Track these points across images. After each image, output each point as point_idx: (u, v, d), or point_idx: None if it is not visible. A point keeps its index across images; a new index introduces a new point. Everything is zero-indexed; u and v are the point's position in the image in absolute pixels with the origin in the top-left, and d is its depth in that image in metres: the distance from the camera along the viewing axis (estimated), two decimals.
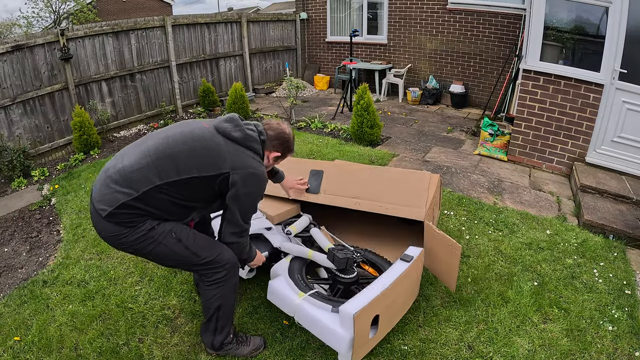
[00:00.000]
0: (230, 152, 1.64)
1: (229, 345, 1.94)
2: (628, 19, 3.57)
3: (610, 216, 3.19)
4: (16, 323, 2.24)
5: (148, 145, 1.64)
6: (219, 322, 1.87)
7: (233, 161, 1.63)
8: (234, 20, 7.55)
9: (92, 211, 1.64)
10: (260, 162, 1.74)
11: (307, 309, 1.83)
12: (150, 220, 1.63)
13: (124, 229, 1.60)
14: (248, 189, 1.66)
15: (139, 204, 1.58)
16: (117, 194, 1.57)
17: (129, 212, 1.58)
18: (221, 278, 1.78)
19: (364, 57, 8.31)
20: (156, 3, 22.40)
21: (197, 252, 1.72)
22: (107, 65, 5.61)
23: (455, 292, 2.37)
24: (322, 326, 1.76)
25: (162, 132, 1.71)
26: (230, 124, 1.70)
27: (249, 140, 1.70)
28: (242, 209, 1.70)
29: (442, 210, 3.38)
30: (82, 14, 14.07)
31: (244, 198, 1.67)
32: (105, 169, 1.66)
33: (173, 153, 1.60)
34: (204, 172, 1.60)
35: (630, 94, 3.73)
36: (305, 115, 6.45)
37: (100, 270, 2.70)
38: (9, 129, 4.61)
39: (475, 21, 6.71)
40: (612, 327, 2.15)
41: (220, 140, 1.66)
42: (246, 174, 1.64)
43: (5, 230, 3.39)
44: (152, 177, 1.57)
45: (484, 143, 4.98)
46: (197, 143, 1.63)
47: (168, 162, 1.59)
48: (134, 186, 1.57)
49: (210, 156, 1.62)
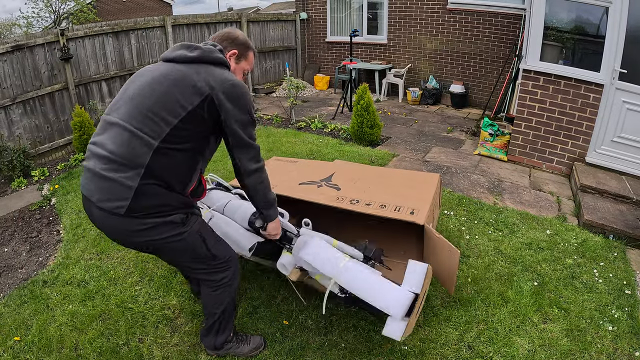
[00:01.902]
0: (199, 73, 1.51)
1: (230, 344, 1.94)
2: (628, 19, 3.57)
3: (610, 216, 3.19)
4: (16, 323, 2.24)
5: (120, 117, 1.48)
6: (222, 323, 1.87)
7: (207, 80, 1.50)
8: (234, 20, 7.55)
9: (101, 215, 1.47)
10: (231, 73, 1.64)
11: (357, 268, 1.75)
12: (180, 214, 1.54)
13: (149, 220, 1.47)
14: (236, 102, 1.54)
15: (151, 180, 1.44)
16: (126, 180, 1.41)
17: (148, 196, 1.45)
18: (227, 278, 1.77)
19: (364, 57, 8.31)
20: (156, 3, 22.41)
21: (214, 251, 1.70)
22: (107, 65, 5.61)
23: (455, 292, 2.37)
24: (378, 287, 1.66)
25: (123, 96, 1.54)
26: (183, 49, 1.57)
27: (209, 53, 1.58)
28: (241, 126, 1.57)
29: (442, 210, 3.38)
30: (82, 14, 14.06)
31: (237, 113, 1.55)
32: (90, 167, 1.48)
33: (149, 106, 1.45)
34: (189, 105, 1.46)
35: (630, 94, 3.73)
36: (305, 115, 6.45)
37: (100, 270, 2.70)
38: (9, 129, 4.61)
39: (475, 21, 6.71)
40: (612, 327, 2.15)
41: (181, 67, 1.53)
42: (226, 87, 1.51)
43: (5, 230, 3.39)
44: (147, 141, 1.43)
45: (484, 143, 4.98)
46: (165, 83, 1.48)
47: (151, 118, 1.45)
48: (136, 161, 1.42)
49: (184, 86, 1.48)
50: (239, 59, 1.77)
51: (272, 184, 2.65)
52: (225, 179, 2.59)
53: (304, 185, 2.68)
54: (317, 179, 2.76)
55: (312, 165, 3.13)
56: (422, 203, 2.33)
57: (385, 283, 1.67)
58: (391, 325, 1.54)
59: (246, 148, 1.61)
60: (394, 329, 1.52)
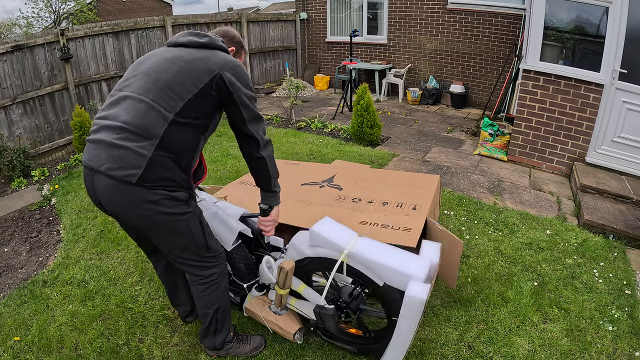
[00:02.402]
0: (208, 56, 1.61)
1: (230, 344, 1.94)
2: (628, 19, 3.57)
3: (610, 216, 3.19)
4: (16, 323, 2.24)
5: (135, 90, 1.54)
6: (218, 323, 1.87)
7: (215, 62, 1.59)
8: (234, 20, 7.55)
9: (109, 184, 1.46)
10: (233, 57, 1.73)
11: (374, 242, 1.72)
12: (185, 192, 1.59)
13: (157, 192, 1.49)
14: (242, 80, 1.64)
15: (163, 152, 1.49)
16: (141, 149, 1.44)
17: (160, 167, 1.48)
18: (214, 275, 1.76)
19: (364, 57, 8.31)
20: (156, 3, 22.40)
21: (209, 242, 1.72)
22: (107, 65, 5.62)
23: (455, 292, 2.38)
24: (397, 253, 1.65)
25: (136, 73, 1.60)
26: (192, 36, 1.67)
27: (215, 42, 1.69)
28: (250, 100, 1.67)
29: (442, 210, 3.38)
30: (82, 14, 14.05)
31: (245, 89, 1.65)
32: (100, 138, 1.49)
33: (165, 81, 1.53)
34: (199, 83, 1.55)
35: (630, 94, 3.73)
36: (305, 116, 6.46)
37: (100, 270, 2.70)
38: (9, 129, 4.61)
39: (475, 21, 6.72)
40: (612, 327, 2.15)
41: (193, 51, 1.62)
42: (233, 67, 1.62)
43: (5, 230, 3.39)
44: (163, 114, 1.49)
45: (484, 143, 4.98)
46: (179, 62, 1.57)
47: (167, 93, 1.52)
48: (151, 132, 1.46)
49: (197, 66, 1.57)
50: (235, 56, 1.86)
51: None
52: (224, 181, 2.59)
53: (306, 186, 2.68)
54: (319, 179, 2.77)
55: (313, 167, 3.14)
56: (424, 200, 2.34)
57: (402, 251, 1.66)
58: (415, 287, 1.51)
59: (257, 120, 1.70)
60: (419, 290, 1.49)
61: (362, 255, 1.64)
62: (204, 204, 2.01)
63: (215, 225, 1.94)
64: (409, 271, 1.55)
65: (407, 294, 1.50)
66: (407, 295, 1.50)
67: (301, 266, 1.84)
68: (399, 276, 1.56)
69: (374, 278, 1.64)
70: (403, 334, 1.60)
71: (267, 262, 1.87)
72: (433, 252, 1.71)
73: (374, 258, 1.62)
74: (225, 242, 1.93)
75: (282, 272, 1.78)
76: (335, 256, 1.70)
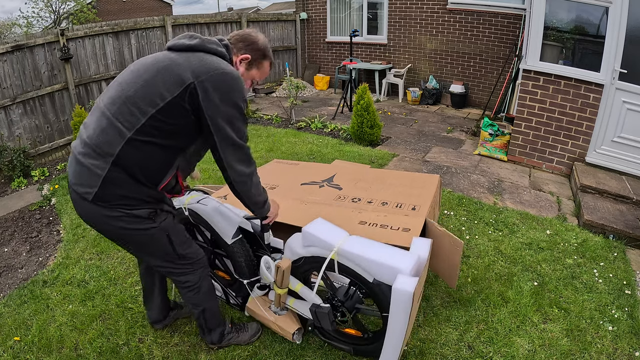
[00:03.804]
0: (190, 61, 1.38)
1: (230, 335, 1.98)
2: (628, 19, 3.57)
3: (610, 216, 3.19)
4: (16, 323, 2.24)
5: (104, 103, 1.43)
6: (207, 322, 1.89)
7: (195, 68, 1.36)
8: (234, 20, 7.55)
9: (75, 198, 1.46)
10: (230, 65, 1.47)
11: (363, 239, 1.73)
12: (147, 209, 1.49)
13: (114, 210, 1.43)
14: (224, 93, 1.36)
15: (119, 171, 1.39)
16: (95, 168, 1.38)
17: (116, 186, 1.40)
18: (190, 282, 1.74)
19: (364, 57, 8.31)
20: (156, 3, 22.40)
21: (180, 251, 1.64)
22: (107, 65, 5.62)
23: (455, 292, 2.38)
24: (385, 249, 1.66)
25: (114, 81, 1.48)
26: (185, 38, 1.46)
27: (208, 43, 1.45)
28: (229, 121, 1.40)
29: (442, 210, 3.38)
30: (82, 14, 14.04)
31: (224, 106, 1.37)
32: (73, 147, 1.48)
33: (129, 95, 1.37)
34: (168, 95, 1.34)
35: (630, 94, 3.73)
36: (305, 116, 6.46)
37: (100, 270, 2.70)
38: (9, 129, 4.61)
39: (475, 21, 6.71)
40: (612, 327, 2.15)
41: (174, 55, 1.41)
42: (214, 76, 1.36)
43: (5, 230, 3.39)
44: (121, 130, 1.36)
45: (484, 143, 4.98)
46: (151, 71, 1.38)
47: (128, 107, 1.36)
48: (106, 150, 1.37)
49: (168, 75, 1.36)
50: (250, 65, 1.60)
51: (274, 184, 2.67)
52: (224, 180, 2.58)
53: (306, 186, 2.68)
54: (318, 179, 2.77)
55: (313, 167, 3.14)
56: (423, 200, 2.33)
57: (392, 247, 1.68)
58: (402, 280, 1.52)
59: (233, 148, 1.44)
60: (406, 283, 1.50)
61: (351, 252, 1.66)
62: (206, 199, 2.03)
63: (216, 220, 1.96)
64: (396, 265, 1.56)
65: (395, 287, 1.52)
66: (395, 289, 1.51)
67: (297, 266, 1.86)
68: (386, 270, 1.58)
69: (363, 274, 1.66)
70: (395, 328, 1.61)
71: (265, 262, 1.88)
72: (422, 247, 1.73)
73: (361, 254, 1.64)
74: (226, 235, 1.95)
75: (279, 271, 1.79)
76: (327, 254, 1.72)
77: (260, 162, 4.25)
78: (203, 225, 2.05)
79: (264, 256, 1.91)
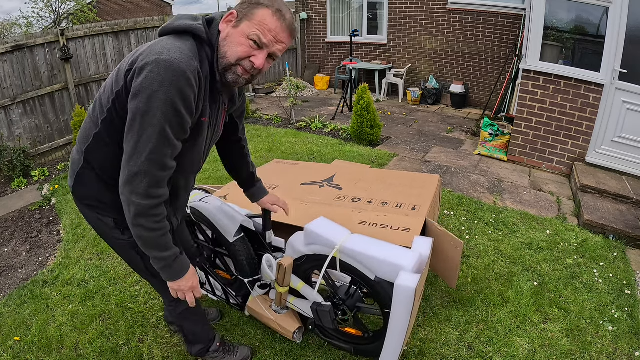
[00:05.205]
0: (148, 46, 1.14)
1: (215, 354, 1.89)
2: (628, 19, 3.57)
3: (610, 216, 3.19)
4: (16, 323, 2.24)
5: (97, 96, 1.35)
6: (189, 337, 1.85)
7: (142, 53, 1.12)
8: None
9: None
10: (181, 49, 1.11)
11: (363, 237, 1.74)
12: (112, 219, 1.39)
13: (87, 210, 1.40)
14: (145, 86, 1.06)
15: (90, 170, 1.33)
16: (74, 163, 1.37)
17: (85, 183, 1.36)
18: (167, 300, 1.67)
19: (364, 57, 8.31)
20: (156, 3, 22.39)
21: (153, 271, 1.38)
22: (107, 65, 5.61)
23: (455, 292, 2.38)
24: (387, 246, 1.67)
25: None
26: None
27: (174, 21, 1.21)
28: (142, 122, 1.09)
29: (442, 210, 3.38)
30: (82, 14, 14.05)
31: (138, 99, 1.08)
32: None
33: (102, 89, 1.26)
34: (115, 87, 1.17)
35: (630, 94, 3.73)
36: (305, 116, 6.46)
37: (100, 270, 2.70)
38: (9, 129, 4.61)
39: (475, 21, 6.71)
40: (612, 327, 2.15)
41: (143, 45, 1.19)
42: (146, 63, 1.07)
43: (5, 230, 3.39)
44: (91, 126, 1.29)
45: (484, 143, 4.99)
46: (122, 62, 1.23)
47: (100, 101, 1.25)
48: (81, 145, 1.33)
49: (121, 67, 1.19)
50: (239, 20, 1.20)
51: (274, 184, 2.68)
52: (224, 180, 2.58)
53: (306, 186, 2.68)
54: (318, 179, 2.77)
55: (313, 167, 3.14)
56: (423, 200, 2.33)
57: (394, 245, 1.68)
58: (404, 276, 1.53)
59: (128, 156, 1.14)
60: (409, 279, 1.51)
61: (353, 249, 1.66)
62: (209, 197, 2.04)
63: (218, 218, 1.96)
64: (398, 262, 1.57)
65: (397, 283, 1.52)
66: (397, 285, 1.52)
67: (299, 264, 1.86)
68: (388, 267, 1.59)
69: (365, 272, 1.66)
70: (397, 325, 1.61)
71: (267, 261, 1.88)
72: (424, 246, 1.74)
73: (364, 251, 1.64)
74: (228, 233, 1.95)
75: (281, 269, 1.79)
76: (329, 252, 1.73)
77: (260, 162, 4.25)
78: (205, 224, 2.05)
79: (266, 254, 1.92)
